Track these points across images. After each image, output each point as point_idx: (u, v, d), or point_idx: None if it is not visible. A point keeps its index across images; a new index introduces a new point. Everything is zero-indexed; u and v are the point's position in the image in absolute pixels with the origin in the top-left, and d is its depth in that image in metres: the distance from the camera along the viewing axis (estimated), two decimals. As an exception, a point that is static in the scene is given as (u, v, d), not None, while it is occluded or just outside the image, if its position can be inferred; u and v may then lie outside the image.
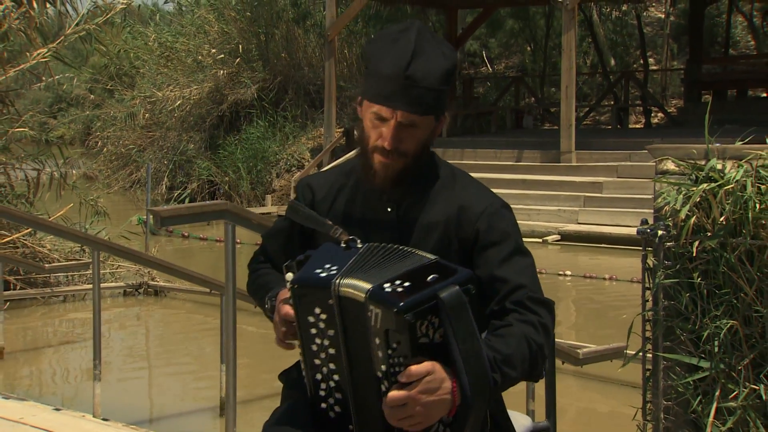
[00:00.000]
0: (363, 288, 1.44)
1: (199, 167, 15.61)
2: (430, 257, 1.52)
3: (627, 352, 3.12)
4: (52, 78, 9.24)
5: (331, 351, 1.51)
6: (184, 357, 6.26)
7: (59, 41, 7.95)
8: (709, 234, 2.05)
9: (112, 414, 3.88)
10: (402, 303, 1.38)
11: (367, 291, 1.43)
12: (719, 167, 2.09)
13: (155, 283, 7.82)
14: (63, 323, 7.22)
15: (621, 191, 11.15)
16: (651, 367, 2.23)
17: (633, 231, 2.52)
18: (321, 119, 15.31)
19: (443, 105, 1.64)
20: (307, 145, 15.43)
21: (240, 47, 16.23)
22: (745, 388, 2.03)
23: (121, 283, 7.84)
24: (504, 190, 10.58)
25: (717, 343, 2.05)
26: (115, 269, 7.96)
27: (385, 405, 1.41)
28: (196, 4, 18.55)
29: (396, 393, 1.40)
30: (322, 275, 1.49)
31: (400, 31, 1.61)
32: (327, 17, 14.54)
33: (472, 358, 1.41)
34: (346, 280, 1.47)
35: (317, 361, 1.54)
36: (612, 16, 21.12)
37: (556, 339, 1.69)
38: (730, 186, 2.03)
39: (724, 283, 2.06)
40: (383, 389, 1.44)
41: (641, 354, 2.26)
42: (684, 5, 20.08)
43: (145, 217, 9.85)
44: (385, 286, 1.43)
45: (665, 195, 2.15)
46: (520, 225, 1.67)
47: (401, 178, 1.63)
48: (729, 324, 2.02)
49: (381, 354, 1.42)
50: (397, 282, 1.43)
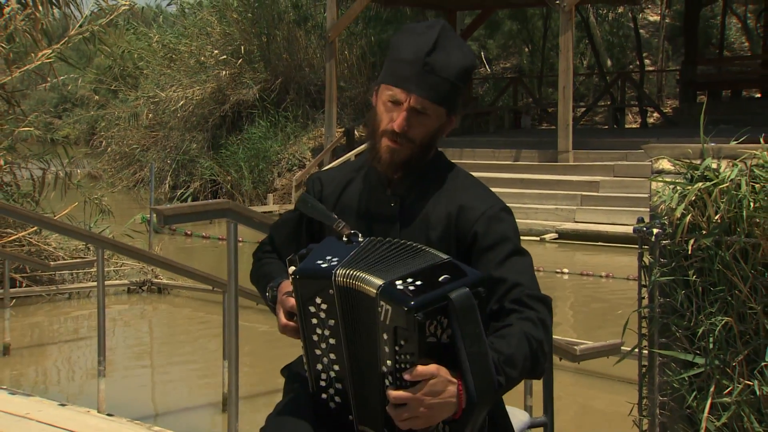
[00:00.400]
0: (374, 283, 1.43)
1: (202, 166, 15.61)
2: (443, 256, 1.51)
3: (623, 348, 3.14)
4: (57, 79, 9.27)
5: (332, 341, 1.52)
6: (186, 353, 6.26)
7: (64, 42, 7.96)
8: (704, 232, 2.06)
9: (116, 409, 3.89)
10: (413, 302, 1.38)
11: (379, 287, 1.42)
12: (714, 166, 2.10)
13: (159, 281, 7.84)
14: (68, 320, 7.24)
15: (617, 190, 11.16)
16: (647, 364, 2.23)
17: (629, 229, 2.53)
18: (322, 119, 15.32)
19: (456, 102, 1.66)
20: (309, 145, 15.43)
21: (242, 48, 16.23)
22: (740, 383, 2.04)
23: (125, 281, 7.86)
24: (502, 189, 10.58)
25: (712, 340, 2.05)
26: (119, 267, 7.99)
27: (389, 403, 1.42)
28: (198, 5, 18.57)
29: (400, 393, 1.41)
30: (323, 266, 1.50)
31: (426, 27, 1.64)
32: (327, 19, 14.53)
33: (478, 361, 1.41)
34: (349, 270, 1.47)
35: (318, 352, 1.54)
36: (608, 17, 21.14)
37: (553, 336, 1.69)
38: (724, 185, 2.04)
39: (718, 281, 2.06)
40: (387, 383, 1.44)
41: (637, 350, 2.25)
42: (679, 7, 20.08)
43: (149, 216, 9.84)
44: (397, 283, 1.42)
45: (661, 194, 2.15)
46: (518, 223, 1.68)
47: (406, 165, 1.64)
48: (724, 321, 2.03)
49: (387, 349, 1.43)
50: (409, 280, 1.42)
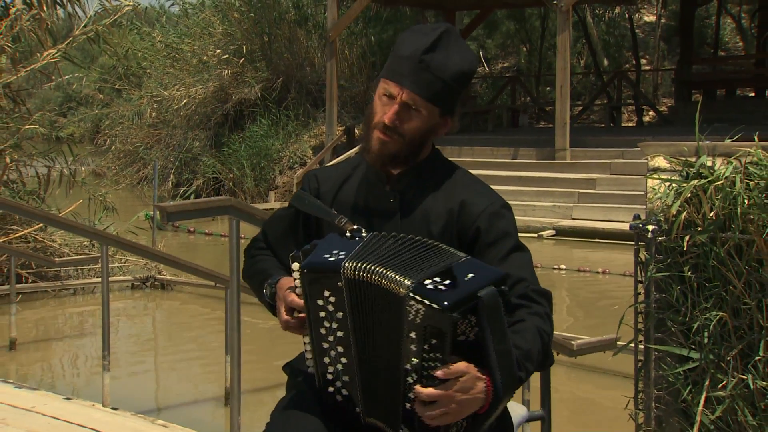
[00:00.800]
0: (404, 282, 1.43)
1: (205, 164, 15.63)
2: (460, 254, 1.52)
3: (619, 343, 3.15)
4: (61, 78, 9.31)
5: (340, 334, 1.52)
6: (190, 349, 6.29)
7: (68, 42, 7.98)
8: (700, 229, 2.07)
9: (120, 403, 3.92)
10: (447, 302, 1.38)
11: (409, 286, 1.42)
12: (709, 164, 2.11)
13: (162, 277, 7.87)
14: (73, 315, 7.28)
15: (614, 187, 11.20)
16: (643, 358, 2.24)
17: (625, 226, 2.54)
18: (323, 118, 15.35)
19: (451, 104, 1.68)
20: (309, 143, 15.45)
21: (244, 48, 16.24)
22: (734, 378, 2.05)
23: (129, 277, 7.90)
24: (500, 186, 10.59)
25: (707, 335, 2.07)
26: (123, 263, 8.02)
27: (418, 400, 1.43)
28: (201, 5, 18.61)
29: (431, 390, 1.41)
30: (330, 260, 1.51)
31: (431, 28, 1.68)
32: (328, 19, 14.54)
33: (504, 357, 1.43)
34: (359, 263, 1.48)
35: (325, 345, 1.55)
36: (605, 17, 21.18)
37: (552, 330, 1.74)
38: (719, 182, 2.05)
39: (713, 277, 2.07)
40: (410, 381, 1.45)
41: (633, 345, 2.26)
42: (674, 7, 20.11)
43: (152, 213, 9.86)
44: (426, 282, 1.42)
45: (657, 191, 2.16)
46: (516, 220, 1.71)
47: (394, 158, 1.67)
48: (718, 316, 2.05)
49: (414, 348, 1.43)
50: (437, 279, 1.43)
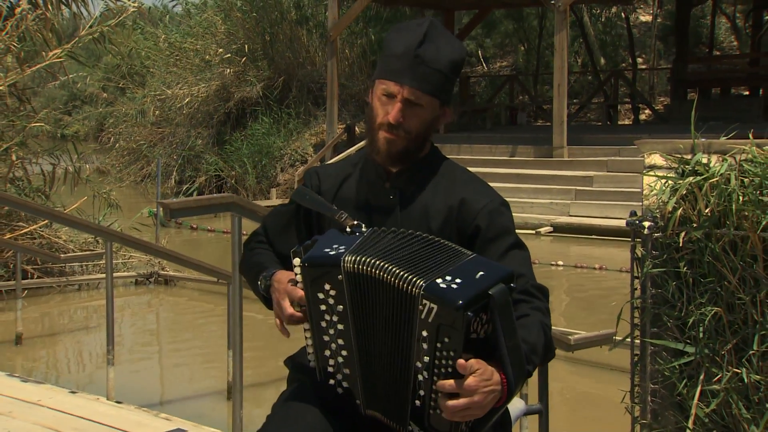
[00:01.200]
0: (416, 282, 1.44)
1: (207, 162, 15.67)
2: (462, 250, 1.53)
3: (616, 338, 3.17)
4: (66, 77, 9.32)
5: (340, 327, 1.54)
6: (193, 343, 6.33)
7: (74, 42, 8.01)
8: (695, 225, 2.08)
9: (124, 397, 3.95)
10: (461, 301, 1.39)
11: (422, 286, 1.43)
12: (704, 161, 2.12)
13: (165, 273, 7.91)
14: (78, 310, 7.33)
15: (611, 185, 11.24)
16: (639, 353, 2.25)
17: (622, 223, 2.55)
18: (323, 116, 15.39)
19: (448, 93, 1.71)
20: (310, 141, 15.49)
21: (246, 47, 16.26)
22: (728, 371, 2.06)
23: (133, 273, 7.94)
24: (499, 183, 10.67)
25: (702, 329, 2.08)
26: (127, 259, 8.06)
27: (442, 393, 1.43)
28: (203, 5, 18.64)
29: (454, 382, 1.42)
30: (331, 253, 1.53)
31: (415, 24, 1.71)
32: (329, 18, 14.56)
33: (514, 352, 1.45)
34: (359, 257, 1.50)
35: (326, 338, 1.56)
36: (602, 17, 21.22)
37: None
38: (714, 179, 2.06)
39: (708, 272, 2.08)
40: (420, 379, 1.46)
41: (629, 340, 2.27)
42: (670, 7, 20.12)
43: (156, 210, 9.88)
44: (438, 281, 1.43)
45: (653, 188, 2.18)
46: (514, 217, 1.75)
47: (403, 155, 1.69)
48: (713, 311, 2.06)
49: (426, 346, 1.44)
50: (448, 278, 1.44)
